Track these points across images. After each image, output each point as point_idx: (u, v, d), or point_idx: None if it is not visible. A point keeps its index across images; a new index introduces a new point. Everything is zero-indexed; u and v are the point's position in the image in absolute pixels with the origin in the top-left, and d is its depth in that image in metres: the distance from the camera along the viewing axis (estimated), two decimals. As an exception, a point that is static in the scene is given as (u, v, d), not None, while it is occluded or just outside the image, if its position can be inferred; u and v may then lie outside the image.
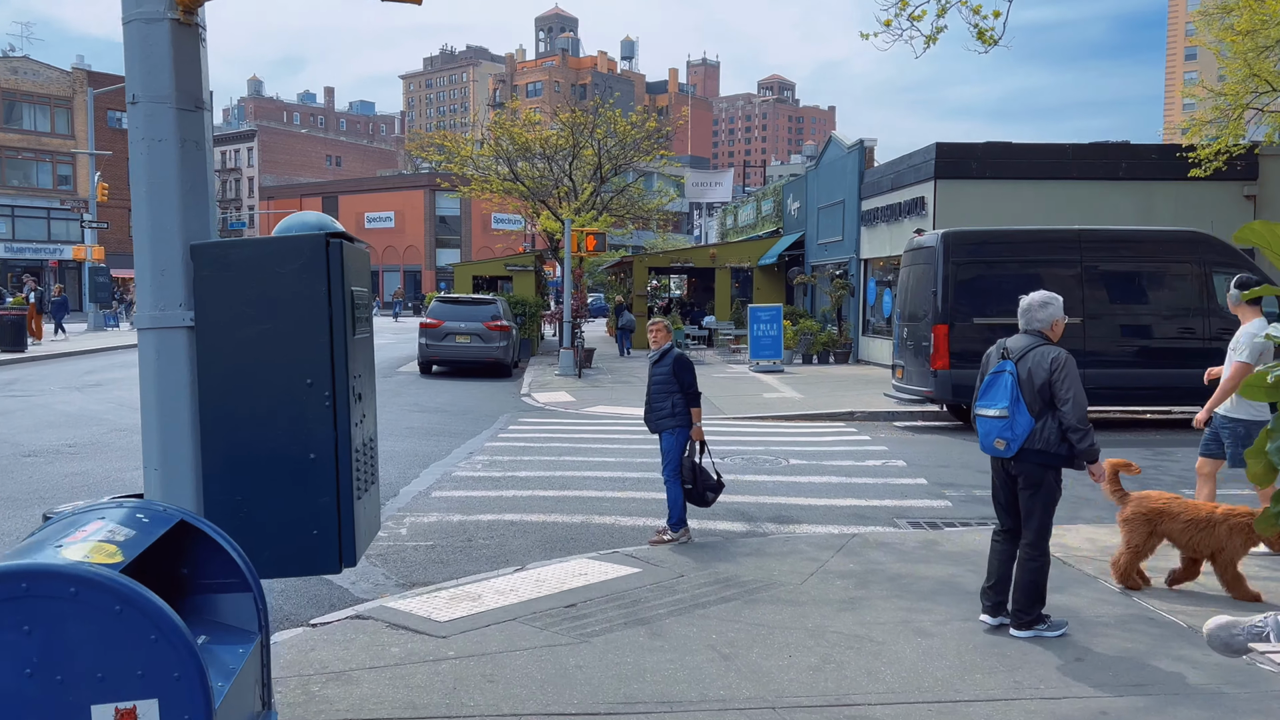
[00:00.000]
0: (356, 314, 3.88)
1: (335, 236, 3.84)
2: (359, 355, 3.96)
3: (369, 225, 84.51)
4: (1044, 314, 5.67)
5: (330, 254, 3.73)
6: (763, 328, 22.65)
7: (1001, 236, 14.13)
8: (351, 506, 3.67)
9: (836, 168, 26.66)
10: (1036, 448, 5.30)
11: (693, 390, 7.68)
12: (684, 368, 7.71)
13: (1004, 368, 5.50)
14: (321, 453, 3.59)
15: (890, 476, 10.69)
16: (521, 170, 25.68)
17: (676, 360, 7.75)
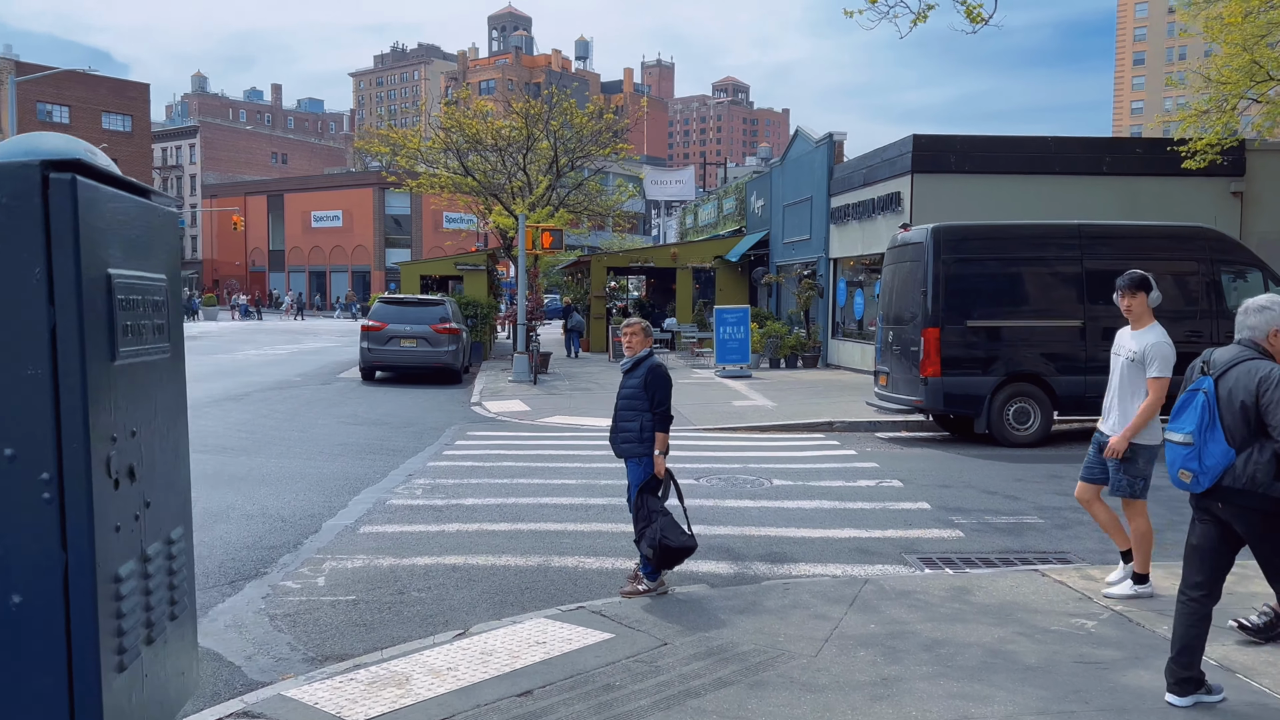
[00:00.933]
0: (123, 319, 2.32)
1: (68, 167, 2.15)
2: (135, 397, 2.40)
3: (316, 224, 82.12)
4: (1260, 320, 4.37)
5: (53, 200, 2.08)
6: (729, 330, 21.42)
7: (996, 232, 13.00)
8: (99, 687, 2.01)
9: (803, 163, 25.53)
10: (1239, 486, 4.14)
11: (664, 409, 6.33)
12: (658, 381, 6.37)
13: (1200, 385, 4.35)
14: (35, 592, 2.03)
15: (888, 500, 9.44)
16: (472, 164, 24.18)
17: (650, 371, 6.40)
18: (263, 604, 6.21)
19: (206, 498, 8.96)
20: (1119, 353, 6.26)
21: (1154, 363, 6.01)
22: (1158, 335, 6.07)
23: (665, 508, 6.28)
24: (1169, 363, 6.02)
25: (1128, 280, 6.20)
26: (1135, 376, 6.10)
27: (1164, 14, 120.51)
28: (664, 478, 6.35)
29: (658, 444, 6.31)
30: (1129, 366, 6.12)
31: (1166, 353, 6.01)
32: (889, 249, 14.21)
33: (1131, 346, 6.14)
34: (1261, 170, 18.78)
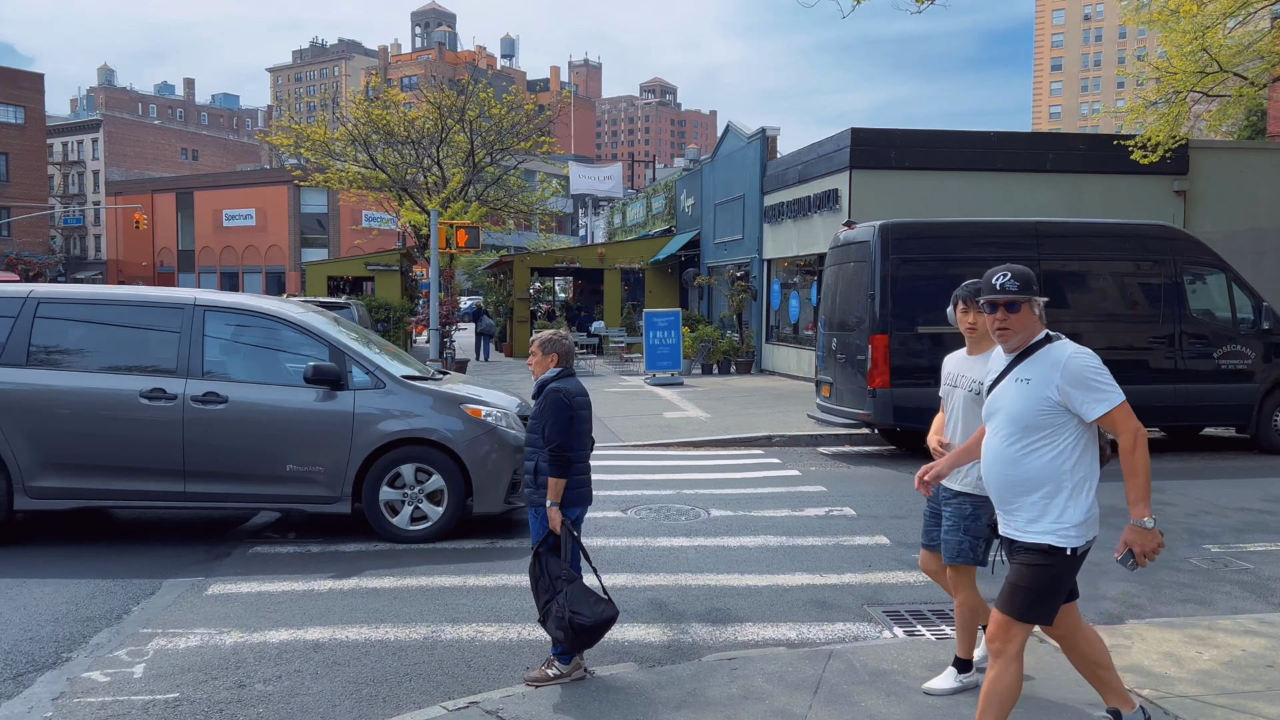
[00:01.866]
0: None
1: None
2: None
3: (228, 223, 78.80)
4: None
5: None
6: (660, 335, 20.17)
7: (948, 230, 11.97)
8: None
9: (735, 160, 24.44)
10: None
11: (556, 447, 4.93)
12: (550, 410, 5.00)
13: None
14: None
15: (842, 533, 8.25)
16: (383, 157, 22.47)
17: (544, 397, 5.08)
18: (52, 710, 4.70)
19: None
20: (955, 384, 4.74)
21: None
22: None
23: (573, 571, 4.95)
24: None
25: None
26: (978, 412, 4.46)
27: (1080, 21, 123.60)
28: (562, 535, 4.99)
29: (550, 492, 4.97)
30: (972, 402, 4.57)
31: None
32: (831, 248, 13.11)
33: (974, 376, 4.62)
34: (1204, 168, 18.25)
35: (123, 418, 7.27)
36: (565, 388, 5.07)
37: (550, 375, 5.17)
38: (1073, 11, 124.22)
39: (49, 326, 7.46)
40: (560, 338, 5.31)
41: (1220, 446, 13.09)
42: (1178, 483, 10.41)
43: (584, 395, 5.16)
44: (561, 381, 5.16)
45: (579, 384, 5.23)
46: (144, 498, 7.40)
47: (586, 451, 5.13)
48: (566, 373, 5.22)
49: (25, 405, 7.23)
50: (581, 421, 5.06)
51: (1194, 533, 8.32)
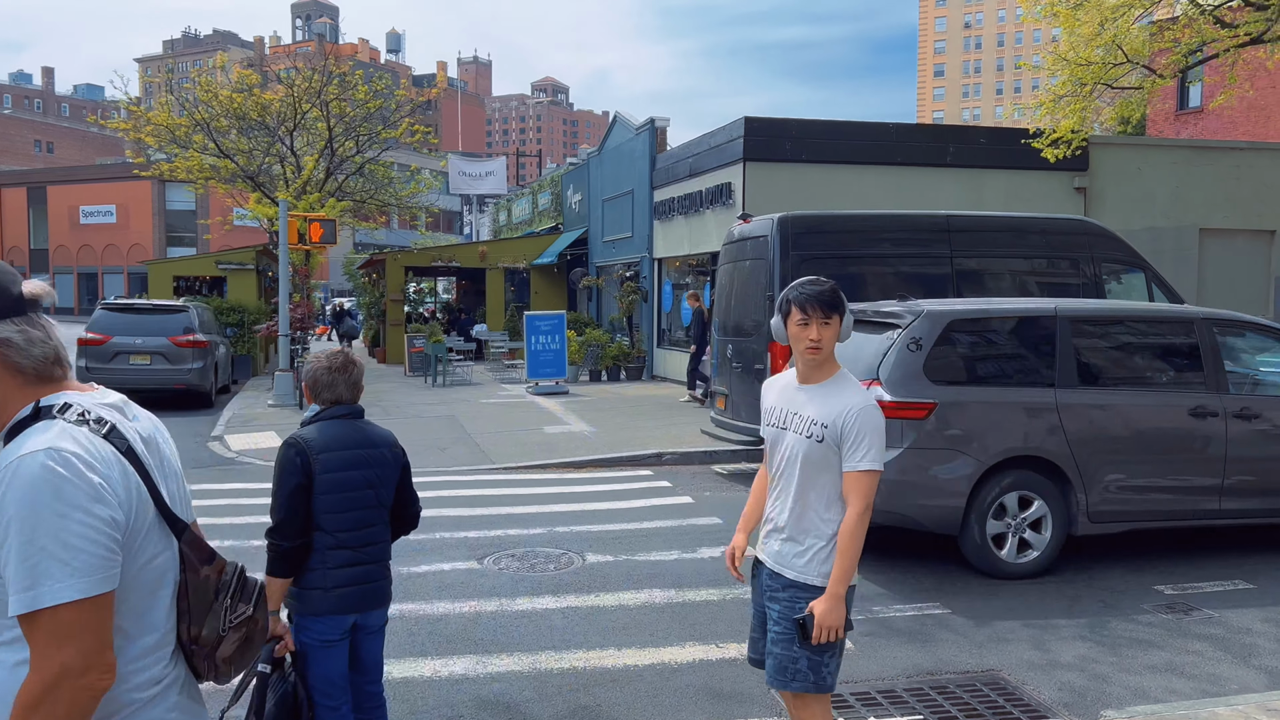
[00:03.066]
0: None
1: None
2: None
3: (85, 220, 73.53)
4: None
5: None
6: (543, 340, 18.57)
7: (854, 223, 10.77)
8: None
9: (624, 153, 23.02)
10: None
11: (271, 529, 3.44)
12: (279, 471, 3.47)
13: None
14: None
15: (741, 583, 6.85)
16: (231, 145, 20.16)
17: (278, 455, 3.50)
18: None
19: None
20: (784, 424, 3.44)
21: (862, 442, 3.25)
22: (862, 395, 3.32)
23: None
24: (883, 441, 3.31)
25: (813, 296, 3.30)
26: (822, 466, 3.33)
27: (960, 28, 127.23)
28: (258, 686, 3.34)
29: (270, 593, 3.36)
30: (811, 450, 3.33)
31: (881, 423, 3.30)
32: (725, 245, 11.78)
33: (812, 413, 3.35)
34: (1104, 165, 17.72)
35: (1173, 435, 7.21)
36: (305, 438, 3.46)
37: (306, 417, 3.61)
38: (954, 19, 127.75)
39: (1082, 344, 7.32)
40: (319, 366, 3.67)
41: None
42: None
43: (352, 449, 3.54)
44: (314, 427, 3.54)
45: (352, 430, 3.61)
46: (1184, 516, 7.36)
47: (350, 535, 3.52)
48: (332, 413, 3.61)
49: (1091, 426, 7.01)
50: (334, 490, 3.46)
51: (1133, 568, 7.23)
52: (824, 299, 3.34)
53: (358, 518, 3.51)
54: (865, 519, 3.28)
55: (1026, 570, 6.92)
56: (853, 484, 3.27)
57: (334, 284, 68.81)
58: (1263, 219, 18.46)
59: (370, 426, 3.67)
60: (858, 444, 3.25)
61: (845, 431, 3.27)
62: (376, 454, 3.61)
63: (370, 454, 3.59)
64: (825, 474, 3.33)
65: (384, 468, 3.62)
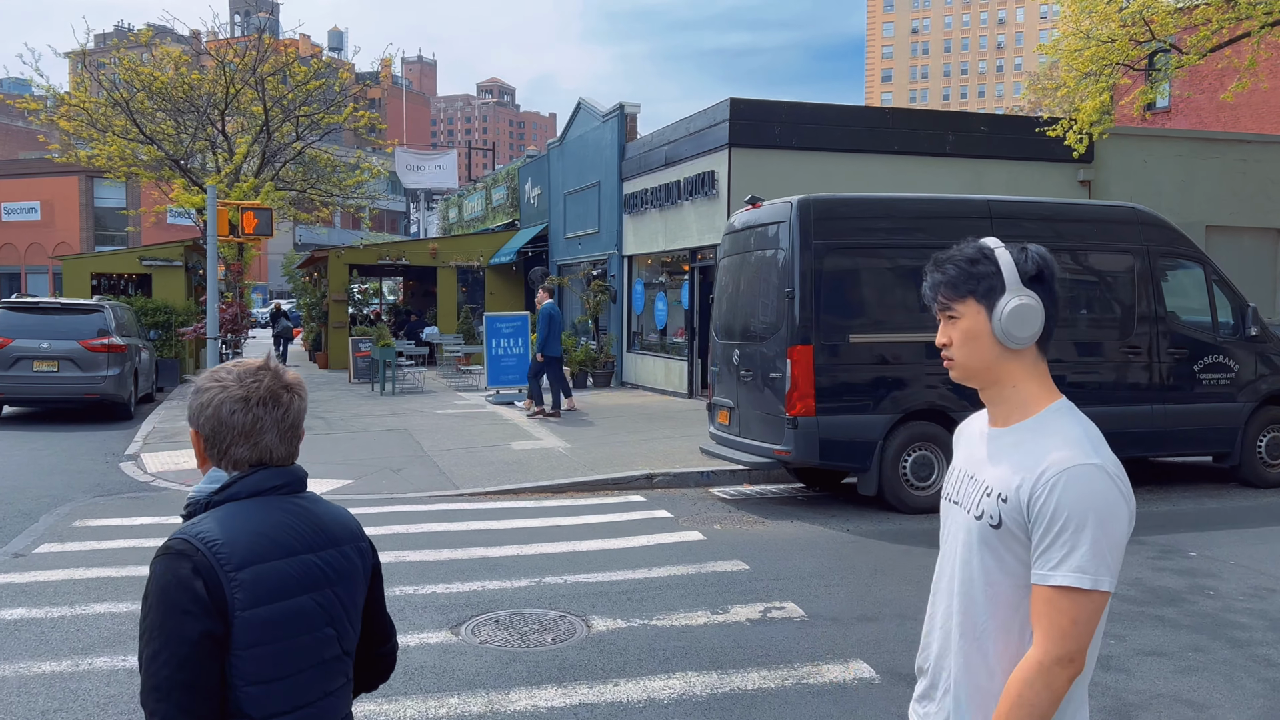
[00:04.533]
0: None
1: None
2: None
3: (8, 217, 69.39)
4: None
5: None
6: (504, 344, 16.86)
7: (886, 207, 9.29)
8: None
9: (589, 142, 21.39)
10: None
11: (151, 710, 1.73)
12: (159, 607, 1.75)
13: None
14: None
15: (799, 659, 5.30)
16: (155, 129, 18.04)
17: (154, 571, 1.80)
18: None
19: None
20: (955, 496, 1.94)
21: (1063, 535, 1.70)
22: (1073, 448, 1.76)
23: None
24: (1114, 543, 1.71)
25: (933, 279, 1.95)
26: (996, 566, 1.80)
27: (908, 34, 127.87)
28: None
29: None
30: (980, 538, 1.81)
31: (1106, 501, 1.71)
32: (728, 235, 10.24)
33: (991, 478, 1.84)
34: (1108, 157, 16.56)
35: None
36: (208, 540, 1.79)
37: (201, 493, 1.94)
38: (901, 24, 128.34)
39: None
40: (224, 393, 1.96)
41: (1187, 477, 11.01)
42: (1190, 537, 8.04)
43: (298, 555, 1.89)
44: (221, 516, 1.86)
45: (293, 519, 1.94)
46: None
47: (297, 716, 1.85)
48: (253, 486, 1.92)
49: None
50: (270, 639, 1.81)
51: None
52: (947, 277, 1.91)
53: (308, 683, 1.86)
54: (1058, 677, 1.71)
55: None
56: (1043, 607, 1.72)
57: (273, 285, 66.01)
58: (1269, 215, 17.50)
59: (321, 505, 2.01)
60: (1057, 536, 1.70)
61: (1035, 511, 1.73)
62: (337, 560, 1.95)
63: (328, 562, 1.93)
64: (1001, 581, 1.79)
65: (348, 584, 1.96)
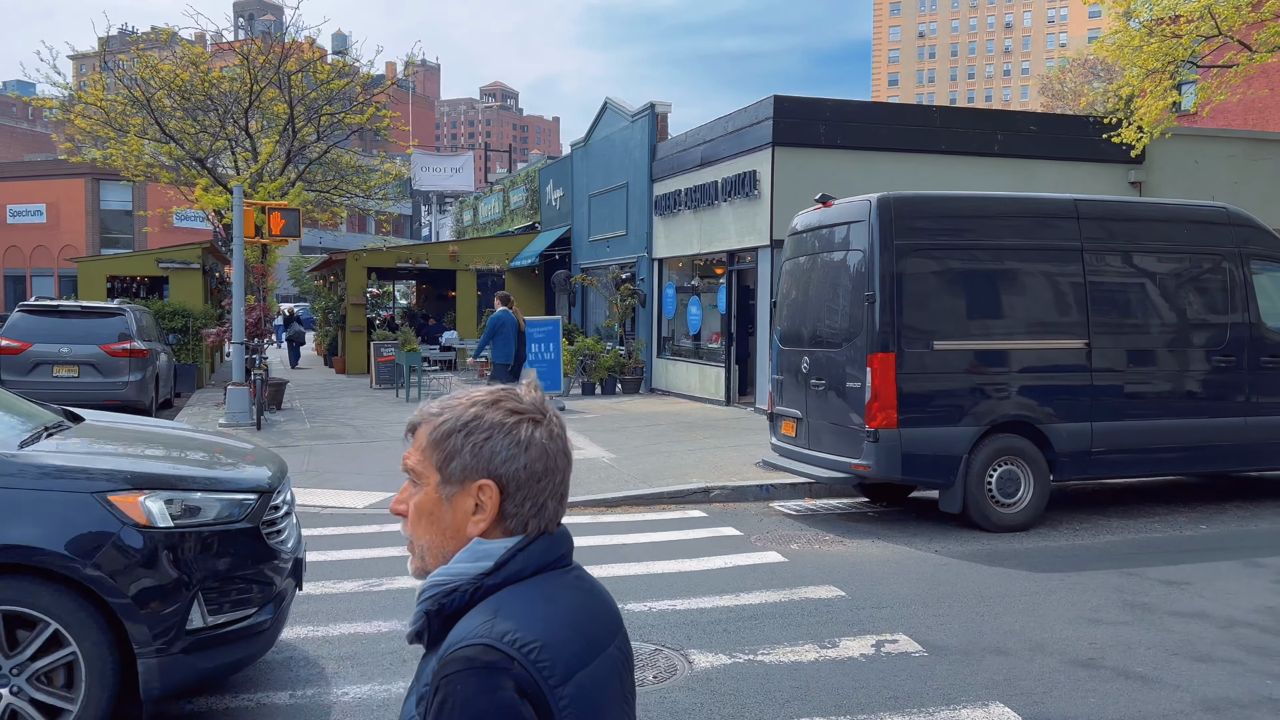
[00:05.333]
0: None
1: None
2: None
3: (13, 220, 68.73)
4: None
5: None
6: (536, 349, 16.37)
7: (970, 206, 8.79)
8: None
9: (615, 143, 20.90)
10: None
11: None
12: None
13: None
14: None
15: (935, 702, 4.78)
16: (176, 128, 17.58)
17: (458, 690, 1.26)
18: None
19: None
20: None
21: None
22: None
23: None
24: None
25: None
26: None
27: (914, 38, 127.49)
28: None
29: None
30: None
31: None
32: (792, 236, 9.74)
33: None
34: (1161, 157, 16.06)
35: None
36: (525, 644, 1.26)
37: (464, 575, 1.41)
38: (908, 29, 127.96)
39: None
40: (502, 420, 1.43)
41: (1233, 494, 10.47)
42: None
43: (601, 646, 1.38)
44: (522, 603, 1.34)
45: (584, 597, 1.43)
46: None
47: None
48: (540, 558, 1.40)
49: None
50: None
51: None
52: None
53: None
54: None
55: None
56: None
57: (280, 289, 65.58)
58: (1323, 219, 16.95)
59: (592, 580, 1.50)
60: None
61: None
62: (626, 648, 1.46)
63: (624, 652, 1.44)
64: None
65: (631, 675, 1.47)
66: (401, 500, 1.46)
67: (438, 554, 1.42)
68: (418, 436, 1.44)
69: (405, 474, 1.46)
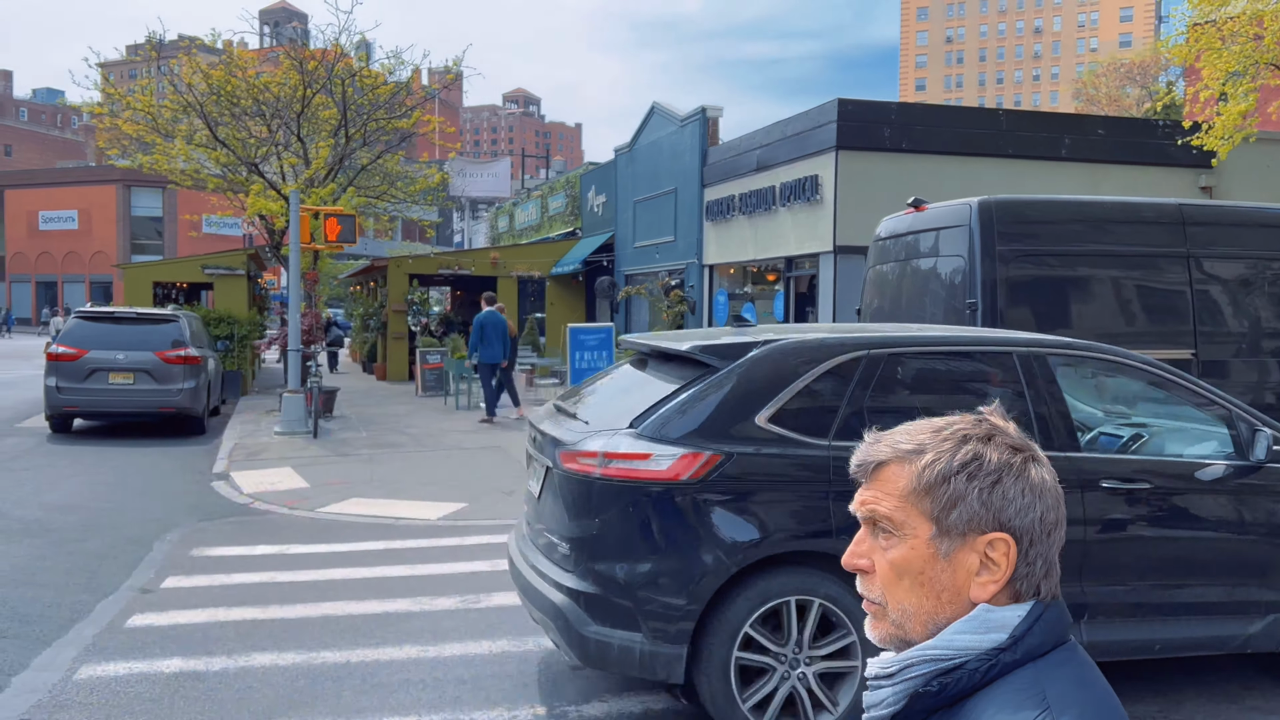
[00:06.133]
0: None
1: None
2: None
3: (45, 226, 69.98)
4: None
5: None
6: (589, 357, 16.09)
7: (1075, 211, 8.47)
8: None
9: (663, 148, 20.67)
10: None
11: None
12: None
13: None
14: None
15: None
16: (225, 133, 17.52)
17: None
18: None
19: None
20: None
21: None
22: None
23: None
24: None
25: None
26: None
27: (942, 43, 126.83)
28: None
29: None
30: None
31: None
32: (878, 242, 9.44)
33: None
34: (1232, 162, 15.62)
35: None
36: None
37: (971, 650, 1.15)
38: (935, 34, 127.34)
39: None
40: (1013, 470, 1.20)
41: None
42: None
43: None
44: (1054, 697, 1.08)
45: (1092, 666, 1.17)
46: None
47: None
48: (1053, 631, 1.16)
49: None
50: None
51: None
52: None
53: None
54: None
55: None
56: None
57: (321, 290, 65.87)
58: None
59: None
60: None
61: None
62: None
63: None
64: None
65: None
66: (862, 554, 1.20)
67: (925, 621, 1.15)
68: (886, 477, 1.18)
69: (865, 519, 1.20)
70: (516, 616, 6.01)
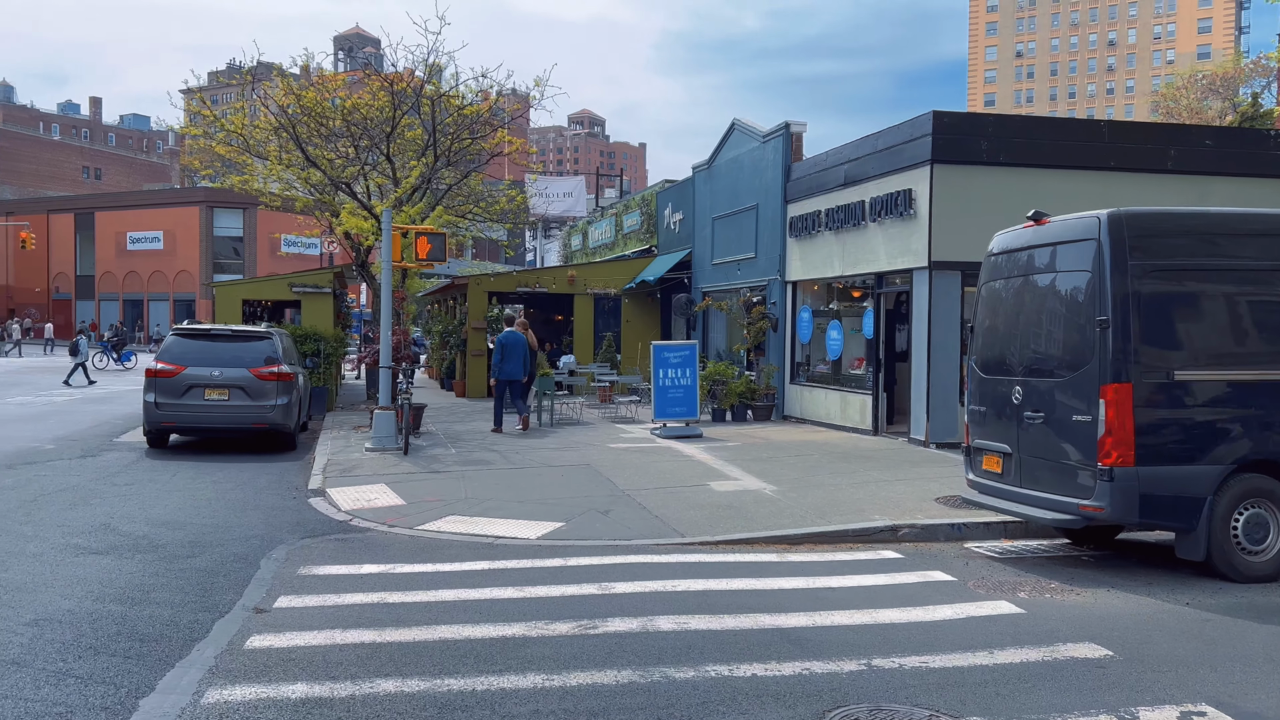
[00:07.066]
0: None
1: None
2: None
3: (133, 247, 72.30)
4: None
5: None
6: (672, 375, 15.93)
7: (1208, 223, 8.07)
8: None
9: (744, 164, 20.46)
10: None
11: None
12: None
13: None
14: None
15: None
16: (315, 153, 17.83)
17: None
18: None
19: None
20: None
21: None
22: None
23: None
24: None
25: None
26: None
27: (1012, 58, 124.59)
28: None
29: None
30: None
31: None
32: (993, 257, 9.09)
33: None
34: (1350, 172, 14.89)
35: None
36: None
37: None
38: (1005, 49, 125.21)
39: None
40: None
41: None
42: None
43: None
44: None
45: None
46: None
47: None
48: None
49: None
50: None
51: None
52: None
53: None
54: None
55: None
56: None
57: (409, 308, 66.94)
58: None
59: None
60: None
61: None
62: None
63: None
64: None
65: None
66: None
67: None
68: None
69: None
70: (637, 644, 5.82)
